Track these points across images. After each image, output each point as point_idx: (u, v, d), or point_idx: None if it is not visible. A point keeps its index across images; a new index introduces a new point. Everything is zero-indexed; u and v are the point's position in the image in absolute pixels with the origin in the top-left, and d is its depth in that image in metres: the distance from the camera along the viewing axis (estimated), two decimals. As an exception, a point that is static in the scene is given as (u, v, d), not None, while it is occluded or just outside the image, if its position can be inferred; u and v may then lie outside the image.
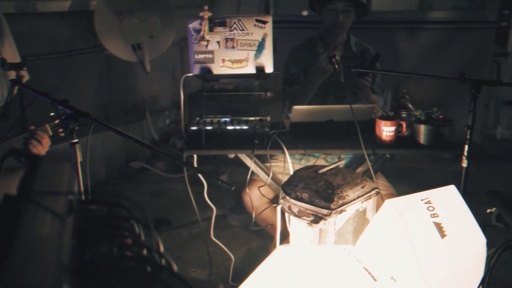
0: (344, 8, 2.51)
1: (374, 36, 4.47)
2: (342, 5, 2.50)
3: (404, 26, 4.51)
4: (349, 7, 2.52)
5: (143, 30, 3.55)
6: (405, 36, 4.50)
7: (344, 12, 2.51)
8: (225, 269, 2.87)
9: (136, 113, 4.41)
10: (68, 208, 0.71)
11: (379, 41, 4.47)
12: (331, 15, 2.54)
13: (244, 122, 2.31)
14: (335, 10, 2.52)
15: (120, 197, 0.84)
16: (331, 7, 2.53)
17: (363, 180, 1.80)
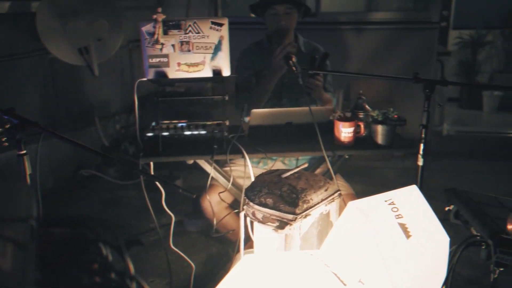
0: (285, 11, 2.50)
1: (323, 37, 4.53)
2: (283, 8, 2.50)
3: (352, 27, 4.60)
4: (290, 9, 2.51)
5: (90, 33, 3.40)
6: (353, 37, 4.59)
7: (286, 14, 2.51)
8: (184, 277, 2.80)
9: (85, 119, 4.24)
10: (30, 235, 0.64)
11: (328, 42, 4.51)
12: (273, 20, 2.53)
13: (201, 126, 2.25)
14: (276, 15, 2.52)
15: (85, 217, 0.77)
16: (272, 12, 2.52)
17: (326, 182, 1.79)
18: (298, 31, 2.73)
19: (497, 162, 4.63)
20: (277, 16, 2.51)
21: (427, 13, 4.50)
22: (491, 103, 6.41)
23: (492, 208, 1.67)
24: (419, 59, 4.52)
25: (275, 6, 2.49)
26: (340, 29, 4.57)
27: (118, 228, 3.37)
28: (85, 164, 4.21)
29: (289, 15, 2.51)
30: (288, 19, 2.51)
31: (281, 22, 2.50)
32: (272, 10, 2.50)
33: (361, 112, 2.24)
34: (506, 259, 1.45)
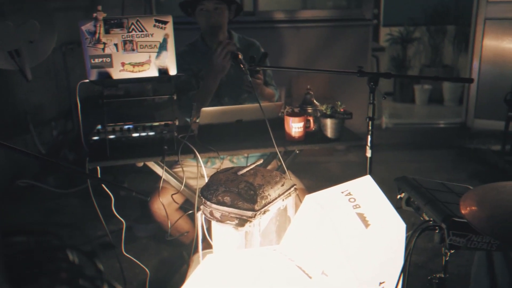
0: (214, 6, 2.49)
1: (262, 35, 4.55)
2: (212, 4, 2.48)
3: (289, 25, 4.66)
4: (219, 5, 2.50)
5: (20, 35, 3.21)
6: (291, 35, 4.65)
7: (216, 10, 2.50)
8: (138, 284, 2.72)
9: (18, 126, 4.00)
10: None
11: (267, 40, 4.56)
12: (204, 16, 2.52)
13: (149, 128, 2.19)
14: (207, 11, 2.50)
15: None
16: (201, 8, 2.50)
17: (281, 178, 1.79)
18: (237, 31, 2.72)
19: (434, 151, 4.86)
20: (207, 12, 2.49)
21: (361, 10, 4.65)
22: (422, 96, 6.73)
23: (442, 194, 1.74)
24: (356, 55, 4.66)
25: (204, 2, 2.47)
26: (277, 27, 4.62)
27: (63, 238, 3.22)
28: (21, 173, 3.98)
29: (219, 11, 2.50)
30: (218, 16, 2.50)
31: (212, 19, 2.49)
32: (202, 6, 2.48)
33: (309, 107, 2.27)
34: (459, 241, 1.52)
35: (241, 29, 2.75)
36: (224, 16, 2.52)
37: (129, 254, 2.39)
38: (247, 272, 1.36)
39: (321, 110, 2.23)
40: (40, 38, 3.30)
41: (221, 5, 2.49)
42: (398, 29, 6.92)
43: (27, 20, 3.19)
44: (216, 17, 2.50)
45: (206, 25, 2.52)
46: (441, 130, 5.56)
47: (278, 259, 1.43)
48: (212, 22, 2.49)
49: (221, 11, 2.50)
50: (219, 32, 2.52)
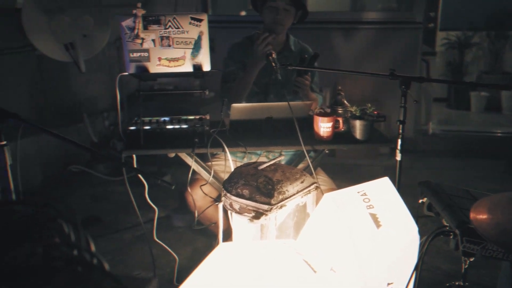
0: (284, 6, 2.54)
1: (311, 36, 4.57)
2: (283, 3, 2.53)
3: (338, 27, 4.64)
4: (290, 6, 2.55)
5: (75, 29, 3.43)
6: (339, 36, 4.63)
7: (284, 10, 2.55)
8: (170, 271, 2.83)
9: (73, 116, 4.26)
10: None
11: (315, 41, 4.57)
12: (271, 12, 2.57)
13: (183, 121, 2.28)
14: (276, 8, 2.55)
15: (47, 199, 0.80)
16: (272, 5, 2.56)
17: (302, 175, 1.83)
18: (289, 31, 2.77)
19: (482, 160, 4.69)
20: (276, 9, 2.54)
21: (411, 13, 4.56)
22: (478, 103, 6.49)
23: (463, 200, 1.71)
24: (404, 58, 4.58)
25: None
26: (326, 29, 4.62)
27: (107, 222, 3.40)
28: (74, 160, 4.23)
29: (287, 11, 2.55)
30: (284, 16, 2.55)
31: (278, 16, 2.54)
32: (273, 2, 2.54)
33: (340, 107, 2.28)
34: (473, 248, 1.49)
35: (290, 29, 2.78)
36: (289, 18, 2.58)
37: (164, 242, 2.50)
38: (253, 262, 1.42)
39: (351, 111, 2.24)
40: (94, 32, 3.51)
41: (291, 7, 2.55)
42: (455, 33, 6.70)
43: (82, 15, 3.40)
44: (282, 17, 2.55)
45: (270, 22, 2.57)
46: (496, 140, 5.34)
47: (285, 251, 1.47)
48: (277, 20, 2.55)
49: (288, 13, 2.56)
50: (280, 31, 2.58)
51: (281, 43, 2.68)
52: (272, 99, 2.61)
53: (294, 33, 2.81)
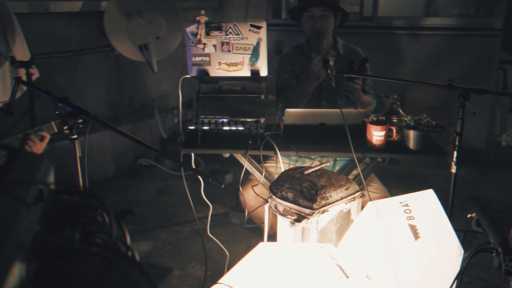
0: (321, 13, 2.56)
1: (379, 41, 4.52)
2: (319, 10, 2.56)
3: (409, 32, 4.54)
4: (327, 11, 2.57)
5: (149, 31, 3.65)
6: (409, 42, 4.53)
7: (323, 17, 2.57)
8: (222, 265, 2.94)
9: (145, 112, 4.52)
10: (37, 197, 0.79)
11: (384, 46, 4.52)
12: (310, 22, 2.60)
13: (240, 123, 2.37)
14: (313, 17, 2.58)
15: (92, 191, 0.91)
16: (308, 15, 2.59)
17: (347, 182, 1.86)
18: (351, 35, 2.78)
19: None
20: (313, 18, 2.58)
21: (490, 19, 4.36)
22: None
23: (511, 218, 1.67)
24: (478, 67, 4.38)
25: (311, 8, 2.57)
26: (395, 34, 4.54)
27: (168, 215, 3.59)
28: (144, 154, 4.49)
29: (326, 17, 2.58)
30: (323, 22, 2.58)
31: (317, 25, 2.57)
32: (309, 12, 2.58)
33: (395, 116, 2.27)
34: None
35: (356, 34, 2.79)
36: (330, 23, 2.61)
37: (220, 238, 2.62)
38: (288, 262, 1.48)
39: (405, 121, 2.22)
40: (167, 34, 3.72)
41: (328, 12, 2.57)
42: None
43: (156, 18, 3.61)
44: (322, 23, 2.59)
45: (311, 31, 2.62)
46: None
47: (321, 255, 1.52)
48: (317, 28, 2.59)
49: (327, 18, 2.59)
50: (323, 38, 2.61)
51: (328, 47, 2.69)
52: (324, 105, 2.64)
53: (361, 38, 2.81)
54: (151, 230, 3.38)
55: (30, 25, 3.31)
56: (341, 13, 2.67)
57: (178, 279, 2.82)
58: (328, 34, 2.65)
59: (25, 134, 1.94)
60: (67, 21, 3.71)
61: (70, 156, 1.92)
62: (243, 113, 2.37)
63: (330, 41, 2.68)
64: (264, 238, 1.98)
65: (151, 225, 3.44)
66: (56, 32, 3.65)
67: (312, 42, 2.70)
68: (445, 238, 1.57)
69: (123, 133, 1.91)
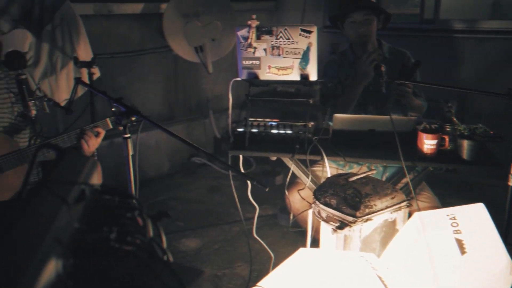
0: (363, 18, 2.51)
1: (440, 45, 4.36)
2: (361, 15, 2.51)
3: (471, 36, 4.35)
4: (369, 15, 2.51)
5: (205, 33, 3.73)
6: (472, 46, 4.34)
7: (365, 21, 2.52)
8: (268, 267, 2.96)
9: (200, 111, 4.62)
10: (79, 196, 0.84)
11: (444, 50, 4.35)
12: (352, 28, 2.56)
13: (289, 126, 2.38)
14: (355, 22, 2.53)
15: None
16: (350, 20, 2.54)
17: (393, 191, 1.83)
18: (418, 38, 2.71)
19: None
20: (355, 24, 2.54)
21: None
22: None
23: None
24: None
25: (353, 14, 2.52)
26: (458, 37, 4.36)
27: (218, 214, 3.66)
28: (198, 152, 4.59)
29: (368, 21, 2.53)
30: (367, 26, 2.53)
31: (360, 30, 2.53)
32: (350, 18, 2.54)
33: (448, 125, 2.20)
34: None
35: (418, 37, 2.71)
36: (373, 27, 2.56)
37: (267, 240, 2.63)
38: (327, 269, 1.47)
39: (460, 130, 2.15)
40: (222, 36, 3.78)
41: (370, 16, 2.53)
42: None
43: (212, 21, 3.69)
44: (365, 28, 2.55)
45: (355, 36, 2.59)
46: None
47: (361, 264, 1.50)
48: (361, 33, 2.55)
49: (370, 22, 2.54)
50: (367, 43, 2.57)
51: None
52: (371, 109, 2.60)
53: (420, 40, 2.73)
54: (201, 227, 3.45)
55: (93, 27, 3.48)
56: (384, 16, 2.62)
57: (224, 277, 2.86)
58: (372, 38, 2.61)
59: (82, 129, 2.04)
60: (128, 23, 3.86)
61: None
62: (292, 116, 2.38)
63: (374, 45, 2.63)
64: (307, 243, 1.98)
65: (202, 223, 3.51)
66: (117, 33, 3.81)
67: (356, 47, 2.67)
68: (495, 254, 1.51)
69: (173, 134, 1.97)
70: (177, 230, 3.38)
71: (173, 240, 3.24)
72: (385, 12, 2.60)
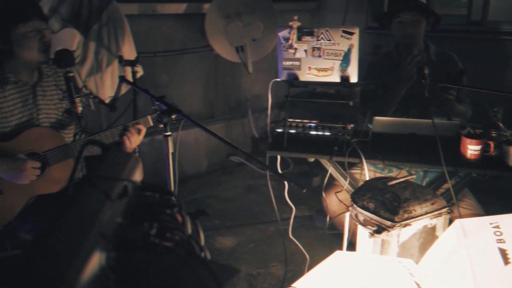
0: (412, 18, 2.45)
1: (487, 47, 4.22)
2: (409, 16, 2.45)
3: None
4: (418, 16, 2.45)
5: (246, 33, 3.76)
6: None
7: (413, 22, 2.46)
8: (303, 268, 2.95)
9: (239, 111, 4.65)
10: (122, 192, 0.87)
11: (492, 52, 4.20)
12: (400, 29, 2.50)
13: (328, 128, 2.37)
14: (403, 23, 2.47)
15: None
16: (398, 20, 2.48)
17: (434, 196, 1.79)
18: (464, 40, 2.64)
19: None
20: (403, 24, 2.48)
21: None
22: None
23: None
24: None
25: (401, 14, 2.47)
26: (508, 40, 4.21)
27: (254, 214, 3.67)
28: (236, 151, 4.63)
29: (417, 22, 2.47)
30: (414, 28, 2.47)
31: (408, 30, 2.47)
32: (399, 18, 2.49)
33: (493, 130, 2.13)
34: None
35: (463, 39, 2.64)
36: (421, 28, 2.50)
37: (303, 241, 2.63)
38: (363, 273, 1.46)
39: (506, 136, 2.08)
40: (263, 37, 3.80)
41: (419, 17, 2.47)
42: None
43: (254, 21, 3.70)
44: (413, 29, 2.49)
45: (401, 37, 2.54)
46: None
47: (398, 270, 1.48)
48: (408, 34, 2.49)
49: (418, 23, 2.49)
50: (414, 44, 2.52)
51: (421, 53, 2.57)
52: (413, 112, 2.54)
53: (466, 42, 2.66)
54: (237, 226, 3.48)
55: (138, 26, 3.56)
56: (433, 18, 2.55)
57: (259, 277, 2.88)
58: (419, 40, 2.54)
59: (125, 126, 2.10)
60: (171, 23, 3.93)
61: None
62: (331, 118, 2.36)
63: (421, 47, 2.57)
64: (343, 246, 1.96)
65: (238, 222, 3.54)
66: (160, 33, 3.89)
67: (402, 48, 2.61)
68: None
69: (212, 133, 1.99)
70: (213, 228, 3.41)
71: (209, 238, 3.28)
72: (435, 14, 2.54)
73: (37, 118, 2.10)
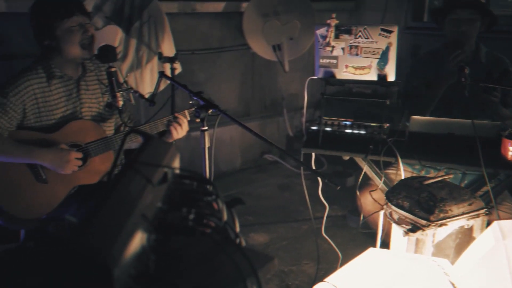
0: (467, 16, 2.39)
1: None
2: (466, 13, 2.39)
3: None
4: (474, 15, 2.39)
5: (284, 32, 3.77)
6: None
7: (468, 20, 2.40)
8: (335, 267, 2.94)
9: (274, 109, 4.67)
10: (162, 178, 0.90)
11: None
12: (454, 25, 2.44)
13: (363, 127, 2.36)
14: (457, 20, 2.42)
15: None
16: (453, 17, 2.43)
17: (471, 197, 1.76)
18: (482, 40, 2.59)
19: None
20: (458, 21, 2.43)
21: None
22: None
23: None
24: None
25: (458, 10, 2.42)
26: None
27: (287, 211, 3.68)
28: (270, 149, 4.65)
29: (472, 21, 2.41)
30: (469, 26, 2.41)
31: (461, 28, 2.42)
32: (454, 15, 2.43)
33: (536, 132, 2.08)
34: None
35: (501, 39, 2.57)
36: (475, 28, 2.45)
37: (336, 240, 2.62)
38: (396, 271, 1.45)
39: (549, 138, 2.02)
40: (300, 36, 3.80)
41: (475, 15, 2.41)
42: None
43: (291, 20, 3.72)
44: (467, 27, 2.43)
45: (453, 34, 2.47)
46: None
47: (433, 269, 1.46)
48: (461, 32, 2.44)
49: (473, 22, 2.43)
50: (465, 43, 2.45)
51: (469, 54, 2.51)
52: (455, 113, 2.49)
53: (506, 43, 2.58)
54: (270, 223, 3.50)
55: (177, 24, 3.63)
56: (489, 18, 2.49)
57: (291, 274, 2.89)
58: (470, 39, 2.48)
59: (174, 116, 2.19)
60: (209, 21, 3.99)
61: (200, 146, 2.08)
62: (367, 117, 2.35)
63: (472, 47, 2.51)
64: (377, 244, 1.95)
65: (271, 219, 3.56)
66: (199, 31, 3.95)
67: (452, 46, 2.54)
68: None
69: (248, 129, 2.02)
70: (246, 224, 3.45)
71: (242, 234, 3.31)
72: (491, 15, 2.47)
73: (80, 111, 2.18)
